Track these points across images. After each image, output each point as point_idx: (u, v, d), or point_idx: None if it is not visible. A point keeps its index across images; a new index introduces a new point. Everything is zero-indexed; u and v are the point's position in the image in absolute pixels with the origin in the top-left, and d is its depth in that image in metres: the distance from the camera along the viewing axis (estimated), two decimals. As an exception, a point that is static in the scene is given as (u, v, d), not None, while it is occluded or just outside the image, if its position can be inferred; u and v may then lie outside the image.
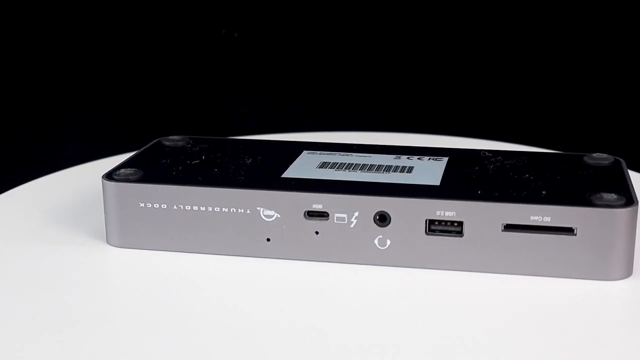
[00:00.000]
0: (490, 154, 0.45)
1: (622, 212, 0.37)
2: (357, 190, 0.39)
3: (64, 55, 0.75)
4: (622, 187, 0.39)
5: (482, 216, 0.38)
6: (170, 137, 0.48)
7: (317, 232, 0.39)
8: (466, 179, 0.41)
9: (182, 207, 0.40)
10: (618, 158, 0.44)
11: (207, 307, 0.36)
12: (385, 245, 0.39)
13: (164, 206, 0.40)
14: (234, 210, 0.40)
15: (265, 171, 0.42)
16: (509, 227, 0.38)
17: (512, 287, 0.37)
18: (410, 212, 0.38)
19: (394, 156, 0.44)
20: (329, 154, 0.45)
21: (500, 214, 0.38)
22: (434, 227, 0.38)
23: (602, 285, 0.37)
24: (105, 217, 0.42)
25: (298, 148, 0.46)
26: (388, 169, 0.42)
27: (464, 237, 0.38)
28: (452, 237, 0.38)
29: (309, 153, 0.45)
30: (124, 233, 0.41)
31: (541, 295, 0.37)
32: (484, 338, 0.33)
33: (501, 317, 0.35)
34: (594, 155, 0.44)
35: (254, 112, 0.79)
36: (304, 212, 0.39)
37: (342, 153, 0.45)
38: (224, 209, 0.40)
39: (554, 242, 0.37)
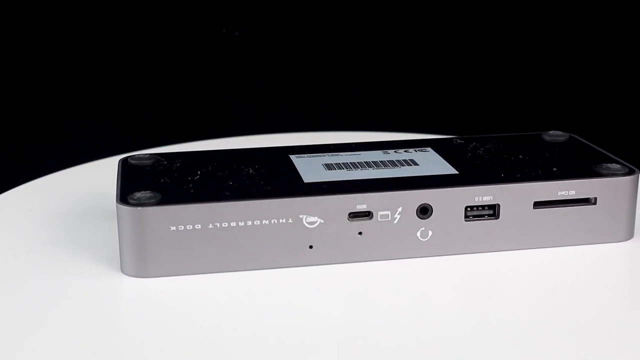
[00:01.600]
0: (463, 141, 0.47)
1: (631, 179, 0.41)
2: (398, 186, 0.39)
3: (64, 55, 0.74)
4: (609, 158, 0.43)
5: (515, 197, 0.40)
6: (136, 154, 0.44)
7: (360, 233, 0.39)
8: (475, 165, 0.43)
9: (218, 225, 0.38)
10: (572, 135, 0.48)
11: (273, 321, 0.34)
12: (427, 236, 0.40)
13: (198, 226, 0.38)
14: (275, 221, 0.38)
15: (282, 179, 0.41)
16: (538, 204, 0.40)
17: (547, 260, 0.40)
18: (451, 201, 0.39)
19: (382, 152, 0.45)
20: (320, 156, 0.44)
21: (531, 193, 0.40)
22: (471, 213, 0.40)
23: (616, 247, 0.41)
24: (122, 246, 0.38)
25: (282, 153, 0.45)
26: (394, 164, 0.43)
27: (499, 219, 0.40)
28: (489, 221, 0.40)
29: (298, 157, 0.44)
30: (150, 261, 0.38)
31: (573, 262, 0.39)
32: (545, 307, 0.35)
33: (550, 288, 0.37)
34: (550, 132, 0.48)
35: (254, 112, 0.78)
36: (347, 214, 0.39)
37: (331, 154, 0.44)
38: (264, 221, 0.38)
39: (578, 213, 0.41)
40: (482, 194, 0.40)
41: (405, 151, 0.45)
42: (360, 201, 0.39)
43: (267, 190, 0.39)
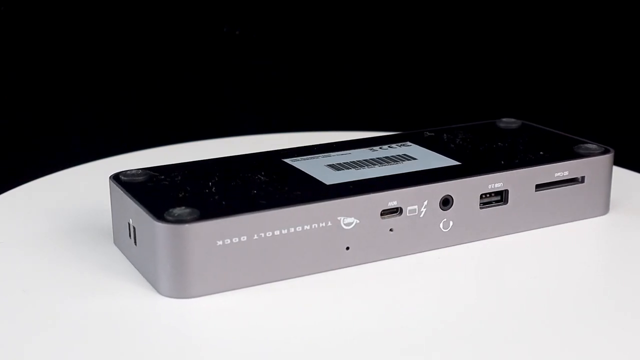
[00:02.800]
0: (433, 133, 0.48)
1: (609, 158, 0.44)
2: (422, 181, 0.40)
3: (64, 55, 0.73)
4: (574, 140, 0.47)
5: (520, 182, 0.42)
6: (127, 171, 0.42)
7: (391, 230, 0.39)
8: (468, 155, 0.44)
9: (263, 235, 0.37)
10: (525, 121, 0.51)
11: (334, 328, 0.34)
12: (449, 226, 0.41)
13: (243, 238, 0.36)
14: (315, 226, 0.38)
15: (302, 183, 0.40)
16: (539, 187, 0.43)
17: (549, 237, 0.42)
18: (468, 191, 0.41)
19: (369, 149, 0.45)
20: (314, 158, 0.44)
21: (533, 177, 0.42)
22: (484, 200, 0.42)
23: (600, 221, 0.44)
24: (159, 266, 0.36)
25: (274, 157, 0.44)
26: (394, 160, 0.43)
27: (508, 203, 0.42)
28: (499, 206, 0.42)
29: (294, 160, 0.43)
30: (194, 279, 0.36)
31: (570, 238, 0.43)
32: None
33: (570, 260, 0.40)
34: (504, 120, 0.51)
35: (253, 112, 0.77)
36: (379, 212, 0.39)
37: (324, 155, 0.44)
38: (305, 226, 0.37)
39: (570, 192, 0.44)
40: (494, 181, 0.41)
41: (389, 147, 0.46)
42: (392, 198, 0.39)
43: (299, 196, 0.38)
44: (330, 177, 0.41)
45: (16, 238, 0.42)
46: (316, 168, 0.42)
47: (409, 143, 0.46)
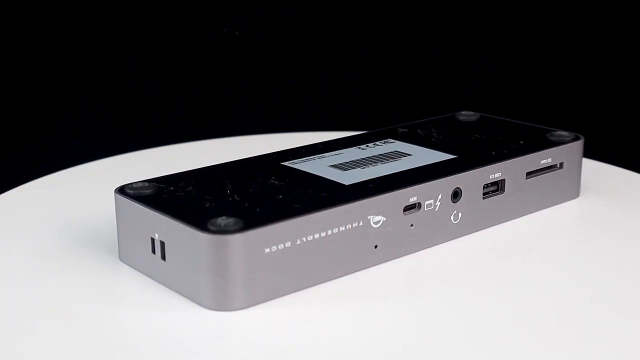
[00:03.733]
0: (407, 129, 0.49)
1: (580, 144, 0.47)
2: (435, 175, 0.41)
3: (64, 54, 0.73)
4: (542, 129, 0.49)
5: (514, 171, 0.44)
6: (132, 184, 0.40)
7: (412, 225, 0.40)
8: (459, 147, 0.46)
9: (305, 239, 0.36)
10: (482, 113, 0.53)
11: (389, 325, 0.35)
12: (458, 218, 0.42)
13: (287, 244, 0.36)
14: (350, 226, 0.38)
15: (320, 185, 0.40)
16: (529, 174, 0.45)
17: (540, 221, 0.45)
18: (474, 182, 0.42)
19: (357, 148, 0.46)
20: (311, 159, 0.44)
21: (524, 165, 0.44)
22: (485, 190, 0.43)
23: (574, 203, 0.47)
24: (206, 279, 0.34)
25: (271, 161, 0.44)
26: (391, 157, 0.44)
27: (505, 192, 0.44)
28: (498, 195, 0.44)
29: (293, 163, 0.43)
30: (243, 290, 0.35)
31: (567, 223, 0.45)
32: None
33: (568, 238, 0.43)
34: (463, 112, 0.53)
35: (253, 112, 0.77)
36: (402, 208, 0.39)
37: (319, 155, 0.44)
38: (341, 228, 0.37)
39: (552, 178, 0.46)
40: (494, 172, 0.43)
41: (375, 145, 0.46)
42: (412, 194, 0.40)
43: (328, 198, 0.38)
44: (343, 178, 0.41)
45: (22, 249, 0.41)
46: (321, 169, 0.42)
47: (391, 140, 0.47)
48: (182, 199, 0.38)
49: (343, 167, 0.42)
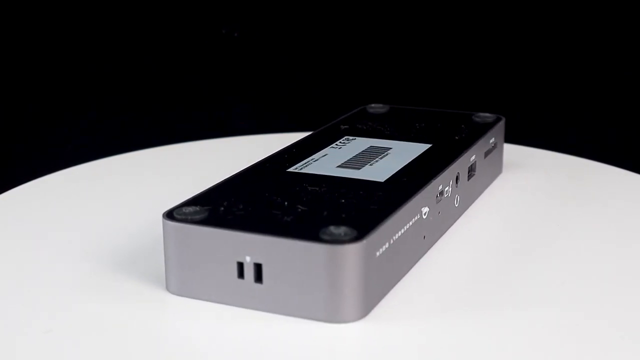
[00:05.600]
0: (347, 126, 0.51)
1: (503, 123, 0.52)
2: (444, 162, 0.43)
3: (64, 54, 0.74)
4: (462, 114, 0.53)
5: (481, 152, 0.47)
6: (174, 211, 0.37)
7: (439, 212, 0.42)
8: (420, 136, 0.48)
9: (394, 238, 0.36)
10: (392, 106, 0.56)
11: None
12: (458, 202, 0.45)
13: (386, 246, 0.36)
14: (415, 219, 0.38)
15: (357, 185, 0.40)
16: (486, 154, 0.49)
17: (503, 195, 0.49)
18: (464, 166, 0.45)
19: (331, 148, 0.46)
20: (310, 162, 0.43)
21: (483, 147, 0.48)
22: (470, 173, 0.46)
23: (503, 178, 0.52)
24: (316, 289, 0.34)
25: (275, 169, 0.43)
26: (379, 152, 0.45)
27: (476, 172, 0.47)
28: (473, 177, 0.47)
29: (296, 169, 0.43)
30: (364, 297, 0.34)
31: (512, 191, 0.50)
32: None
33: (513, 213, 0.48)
34: (372, 105, 0.55)
35: (252, 112, 0.77)
36: (435, 197, 0.41)
37: (306, 160, 0.44)
38: (410, 222, 0.38)
39: (491, 157, 0.50)
40: (472, 155, 0.46)
41: (343, 143, 0.47)
42: (439, 183, 0.41)
43: (391, 195, 0.38)
44: (370, 175, 0.41)
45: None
46: (334, 171, 0.42)
47: (349, 137, 0.48)
48: (255, 216, 0.36)
49: (350, 166, 0.42)
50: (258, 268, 0.34)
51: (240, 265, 0.35)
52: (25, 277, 0.38)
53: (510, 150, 0.56)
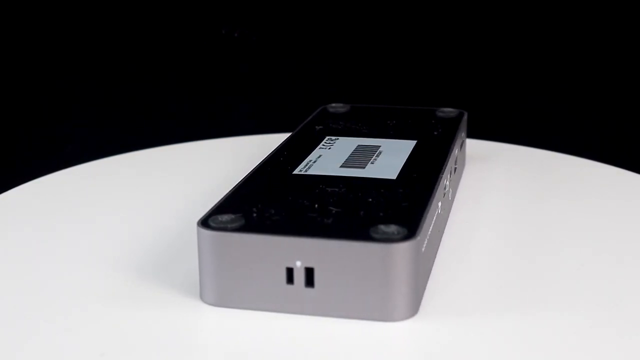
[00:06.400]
0: (322, 126, 0.51)
1: (466, 117, 0.54)
2: (440, 158, 0.44)
3: (63, 54, 0.75)
4: (423, 110, 0.55)
5: (458, 146, 0.49)
6: (213, 219, 0.36)
7: (444, 206, 0.43)
8: (400, 133, 0.49)
9: (429, 231, 0.37)
10: (353, 105, 0.56)
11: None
12: (450, 193, 0.46)
13: (426, 241, 0.36)
14: (437, 213, 0.39)
15: (378, 183, 0.40)
16: (461, 146, 0.50)
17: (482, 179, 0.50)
18: (454, 160, 0.46)
19: (319, 149, 0.46)
20: (308, 165, 0.43)
21: (461, 138, 0.50)
22: (455, 167, 0.47)
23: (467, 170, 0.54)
24: (385, 290, 0.34)
25: (281, 170, 0.42)
26: (371, 150, 0.45)
27: (457, 165, 0.48)
28: (457, 169, 0.48)
29: (300, 171, 0.42)
30: (415, 293, 0.35)
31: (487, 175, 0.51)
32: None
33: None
34: (333, 105, 0.55)
35: (253, 112, 0.77)
36: (443, 192, 0.42)
37: (308, 161, 0.44)
38: (435, 215, 0.39)
39: (463, 151, 0.52)
40: (456, 149, 0.47)
41: (332, 142, 0.47)
42: (444, 178, 0.42)
43: (412, 192, 0.39)
44: (377, 173, 0.41)
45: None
46: (336, 170, 0.42)
47: (331, 137, 0.48)
48: (294, 221, 0.35)
49: (353, 165, 0.43)
50: (309, 272, 0.34)
51: (290, 271, 0.34)
52: (44, 285, 0.37)
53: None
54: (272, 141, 0.50)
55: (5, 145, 0.78)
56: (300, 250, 0.34)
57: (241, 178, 0.41)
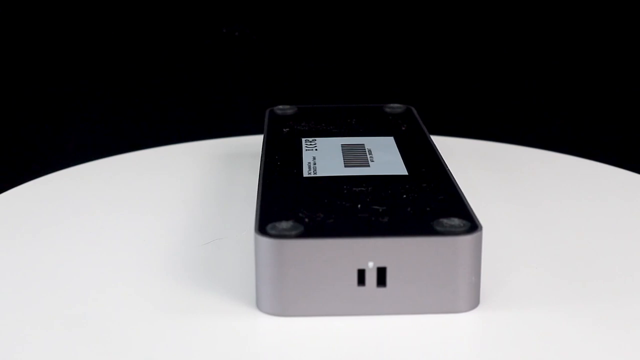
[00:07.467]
0: (289, 128, 0.50)
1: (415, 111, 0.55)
2: (432, 153, 0.44)
3: (63, 54, 0.75)
4: (370, 107, 0.55)
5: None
6: (273, 226, 0.34)
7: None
8: (371, 131, 0.49)
9: (470, 224, 0.38)
10: (299, 105, 0.55)
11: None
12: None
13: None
14: (459, 207, 0.40)
15: (395, 179, 0.40)
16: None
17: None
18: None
19: (310, 149, 0.46)
20: (312, 165, 0.43)
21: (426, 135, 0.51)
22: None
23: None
24: (467, 280, 0.34)
25: (291, 175, 0.41)
26: (362, 149, 0.45)
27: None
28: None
29: (308, 174, 0.42)
30: (473, 291, 0.36)
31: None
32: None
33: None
34: (280, 107, 0.54)
35: (253, 112, 0.76)
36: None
37: (309, 163, 0.43)
38: (460, 209, 0.40)
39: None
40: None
41: (316, 143, 0.46)
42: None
43: (442, 187, 0.39)
44: (386, 170, 0.41)
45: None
46: (343, 170, 0.41)
47: (308, 139, 0.47)
48: (351, 222, 0.35)
49: (356, 164, 0.42)
50: (381, 272, 0.34)
51: (362, 272, 0.33)
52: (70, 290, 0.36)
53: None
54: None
55: (5, 145, 0.78)
56: (372, 251, 0.33)
57: (244, 178, 0.40)
